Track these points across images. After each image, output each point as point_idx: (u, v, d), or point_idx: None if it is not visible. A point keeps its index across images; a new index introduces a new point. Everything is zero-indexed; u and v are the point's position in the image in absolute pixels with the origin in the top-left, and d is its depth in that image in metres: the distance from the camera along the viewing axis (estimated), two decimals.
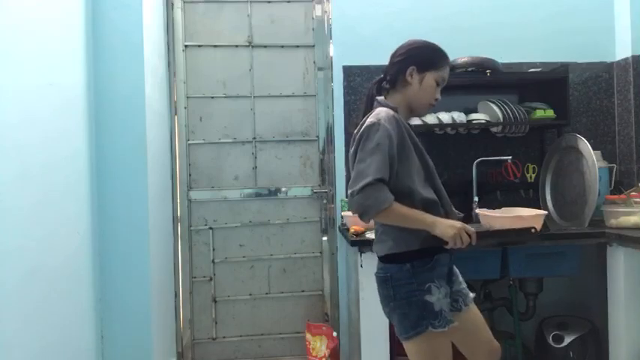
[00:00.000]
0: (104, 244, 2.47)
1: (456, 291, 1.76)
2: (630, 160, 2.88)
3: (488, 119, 2.76)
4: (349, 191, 1.60)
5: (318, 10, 3.12)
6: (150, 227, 2.53)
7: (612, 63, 3.00)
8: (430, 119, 2.72)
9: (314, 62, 3.13)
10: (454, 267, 1.78)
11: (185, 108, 3.08)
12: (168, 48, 3.01)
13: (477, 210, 2.42)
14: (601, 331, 2.52)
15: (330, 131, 3.04)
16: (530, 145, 2.98)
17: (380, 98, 1.74)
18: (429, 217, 1.59)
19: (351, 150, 1.68)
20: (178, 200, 3.05)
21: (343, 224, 2.68)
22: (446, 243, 1.57)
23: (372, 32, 2.93)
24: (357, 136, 1.65)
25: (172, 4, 3.04)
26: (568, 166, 2.71)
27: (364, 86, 2.94)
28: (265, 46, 3.12)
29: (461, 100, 2.84)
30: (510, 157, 2.70)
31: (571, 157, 2.68)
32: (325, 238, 3.12)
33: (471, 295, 1.80)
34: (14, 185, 1.76)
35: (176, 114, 3.06)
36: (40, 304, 1.91)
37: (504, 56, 2.83)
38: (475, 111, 2.84)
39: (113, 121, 2.48)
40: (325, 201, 3.11)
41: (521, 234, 1.85)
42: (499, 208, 2.40)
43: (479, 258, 2.31)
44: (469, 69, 2.69)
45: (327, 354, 2.79)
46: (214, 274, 3.09)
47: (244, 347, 3.11)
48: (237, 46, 3.11)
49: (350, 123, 2.93)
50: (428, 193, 1.66)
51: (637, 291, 2.26)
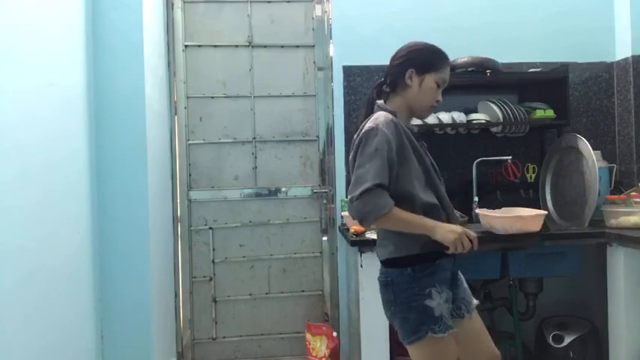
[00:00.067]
0: (104, 244, 2.48)
1: (461, 298, 1.74)
2: (630, 160, 2.88)
3: (488, 119, 2.76)
4: (348, 197, 1.60)
5: (318, 10, 3.11)
6: (150, 227, 2.53)
7: (612, 63, 3.00)
8: (430, 119, 2.72)
9: (314, 62, 3.13)
10: (459, 272, 1.77)
11: (185, 108, 3.08)
12: (168, 48, 3.01)
13: (477, 210, 2.42)
14: (601, 331, 2.52)
15: (330, 131, 3.04)
16: (530, 145, 2.98)
17: (380, 102, 1.73)
18: (430, 222, 1.59)
19: (351, 155, 1.68)
20: (178, 200, 3.05)
21: (343, 224, 2.68)
22: (447, 248, 1.57)
23: (372, 32, 2.93)
24: (356, 142, 1.65)
25: (172, 4, 3.04)
26: (568, 166, 2.71)
27: (364, 86, 2.94)
28: (265, 46, 3.12)
29: (461, 100, 2.84)
30: (510, 157, 2.70)
31: (571, 157, 2.68)
32: (325, 238, 3.12)
33: (475, 303, 1.78)
34: (14, 185, 1.76)
35: (176, 114, 3.06)
36: (40, 304, 1.91)
37: (504, 56, 2.83)
38: (475, 111, 2.84)
39: (113, 121, 2.48)
40: (325, 201, 3.11)
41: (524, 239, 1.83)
42: (499, 208, 2.40)
43: (479, 258, 2.30)
44: (469, 69, 2.69)
45: (327, 354, 2.79)
46: (214, 274, 3.09)
47: (244, 347, 3.11)
48: (237, 46, 3.11)
49: (350, 123, 2.93)
50: (428, 198, 1.65)
51: (637, 291, 2.26)
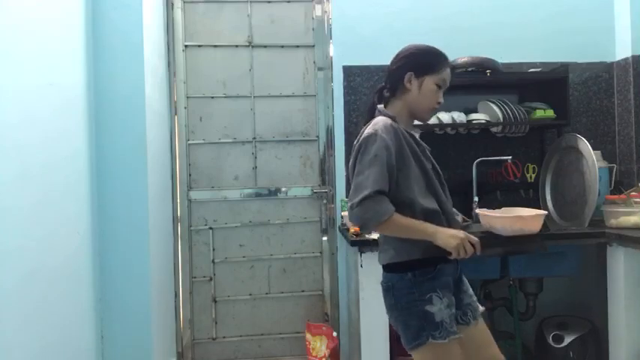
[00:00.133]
0: (104, 244, 2.48)
1: (466, 304, 1.72)
2: (630, 160, 2.88)
3: (488, 119, 2.76)
4: (348, 204, 1.59)
5: (318, 10, 3.11)
6: (150, 227, 2.53)
7: (612, 63, 3.00)
8: (430, 119, 2.71)
9: (314, 62, 3.13)
10: (463, 278, 1.76)
11: (185, 108, 3.08)
12: (168, 48, 3.01)
13: (477, 210, 2.42)
14: (601, 331, 2.51)
15: (330, 131, 3.04)
16: (530, 145, 2.98)
17: (380, 107, 1.73)
18: (430, 227, 1.58)
19: (350, 162, 1.67)
20: (178, 200, 3.05)
21: (343, 224, 2.68)
22: (449, 253, 1.56)
23: (372, 32, 2.93)
24: (356, 148, 1.64)
25: (172, 4, 3.04)
26: (568, 166, 2.71)
27: (364, 86, 2.94)
28: (265, 46, 3.12)
29: (461, 100, 2.84)
30: (510, 157, 2.70)
31: (571, 157, 2.68)
32: (325, 238, 3.12)
33: (481, 309, 1.77)
34: (14, 185, 1.76)
35: (176, 114, 3.06)
36: (40, 305, 1.91)
37: (504, 56, 2.83)
38: (475, 111, 2.84)
39: (113, 121, 2.48)
40: (325, 201, 3.11)
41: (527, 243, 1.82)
42: (499, 208, 2.40)
43: (479, 258, 2.29)
44: (469, 69, 2.69)
45: (327, 354, 2.79)
46: (214, 274, 3.09)
47: (244, 347, 3.11)
48: (237, 46, 3.11)
49: (350, 123, 2.93)
50: (429, 203, 1.63)
51: (637, 291, 2.26)
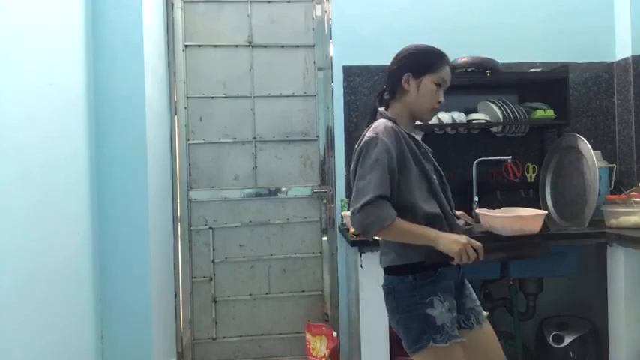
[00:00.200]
0: (104, 244, 2.48)
1: (469, 308, 1.72)
2: (630, 160, 2.88)
3: (488, 119, 2.76)
4: (350, 209, 1.59)
5: (318, 10, 3.11)
6: (150, 227, 2.53)
7: (612, 63, 3.00)
8: (431, 119, 2.71)
9: (314, 62, 3.13)
10: (466, 282, 1.75)
11: (185, 108, 3.08)
12: (168, 48, 3.01)
13: (477, 210, 2.42)
14: (601, 331, 2.51)
15: (330, 131, 3.04)
16: (530, 145, 2.98)
17: (381, 110, 1.73)
18: (433, 232, 1.57)
19: (352, 166, 1.66)
20: (178, 200, 3.05)
21: (343, 224, 2.68)
22: (452, 258, 1.55)
23: (372, 32, 2.93)
24: (357, 152, 1.63)
25: (172, 4, 3.04)
26: (568, 166, 2.71)
27: (364, 86, 2.94)
28: (265, 46, 3.12)
29: (461, 100, 2.83)
30: (510, 157, 2.70)
31: (571, 157, 2.68)
32: (325, 238, 3.12)
33: (485, 314, 1.76)
34: (14, 185, 1.76)
35: (176, 114, 3.06)
36: (40, 305, 1.91)
37: (504, 56, 2.83)
38: (475, 111, 2.84)
39: (113, 121, 2.48)
40: (325, 201, 3.11)
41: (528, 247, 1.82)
42: (499, 208, 2.40)
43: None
44: (469, 69, 2.69)
45: (327, 354, 2.79)
46: (214, 274, 3.09)
47: (244, 347, 3.11)
48: (237, 46, 3.11)
49: (350, 123, 2.93)
50: (430, 208, 1.62)
51: (637, 291, 2.26)
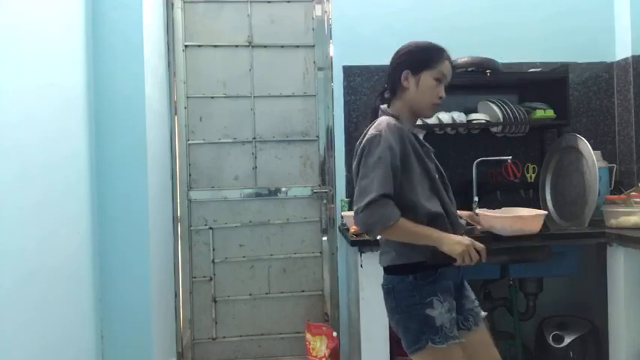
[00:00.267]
0: (104, 244, 2.48)
1: (468, 309, 1.71)
2: (630, 160, 2.88)
3: (488, 119, 2.76)
4: (354, 208, 1.58)
5: (318, 10, 3.11)
6: (150, 227, 2.53)
7: (612, 63, 3.00)
8: (430, 119, 2.71)
9: (314, 62, 3.13)
10: (465, 283, 1.75)
11: (185, 108, 3.08)
12: (168, 48, 3.01)
13: (477, 210, 2.42)
14: (601, 331, 2.51)
15: (330, 131, 3.04)
16: (530, 145, 2.98)
17: (383, 107, 1.73)
18: (435, 233, 1.56)
19: (354, 164, 1.66)
20: (178, 200, 3.05)
21: (343, 224, 2.68)
22: (454, 260, 1.55)
23: (372, 32, 2.93)
24: (359, 149, 1.63)
25: (172, 4, 3.04)
26: (568, 166, 2.71)
27: (364, 86, 2.94)
28: (265, 46, 3.12)
29: (461, 100, 2.84)
30: (510, 157, 2.70)
31: (571, 157, 2.68)
32: (325, 238, 3.12)
33: (482, 315, 1.76)
34: (14, 185, 1.76)
35: (176, 114, 3.06)
36: (40, 305, 1.91)
37: (504, 56, 2.83)
38: (475, 111, 2.84)
39: (113, 121, 2.48)
40: (325, 201, 3.11)
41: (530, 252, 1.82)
42: (499, 208, 2.40)
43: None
44: (469, 69, 2.69)
45: (327, 354, 2.79)
46: (214, 274, 3.09)
47: (244, 347, 3.11)
48: (237, 46, 3.11)
49: (350, 123, 2.93)
50: (433, 206, 1.61)
51: (637, 291, 2.26)
